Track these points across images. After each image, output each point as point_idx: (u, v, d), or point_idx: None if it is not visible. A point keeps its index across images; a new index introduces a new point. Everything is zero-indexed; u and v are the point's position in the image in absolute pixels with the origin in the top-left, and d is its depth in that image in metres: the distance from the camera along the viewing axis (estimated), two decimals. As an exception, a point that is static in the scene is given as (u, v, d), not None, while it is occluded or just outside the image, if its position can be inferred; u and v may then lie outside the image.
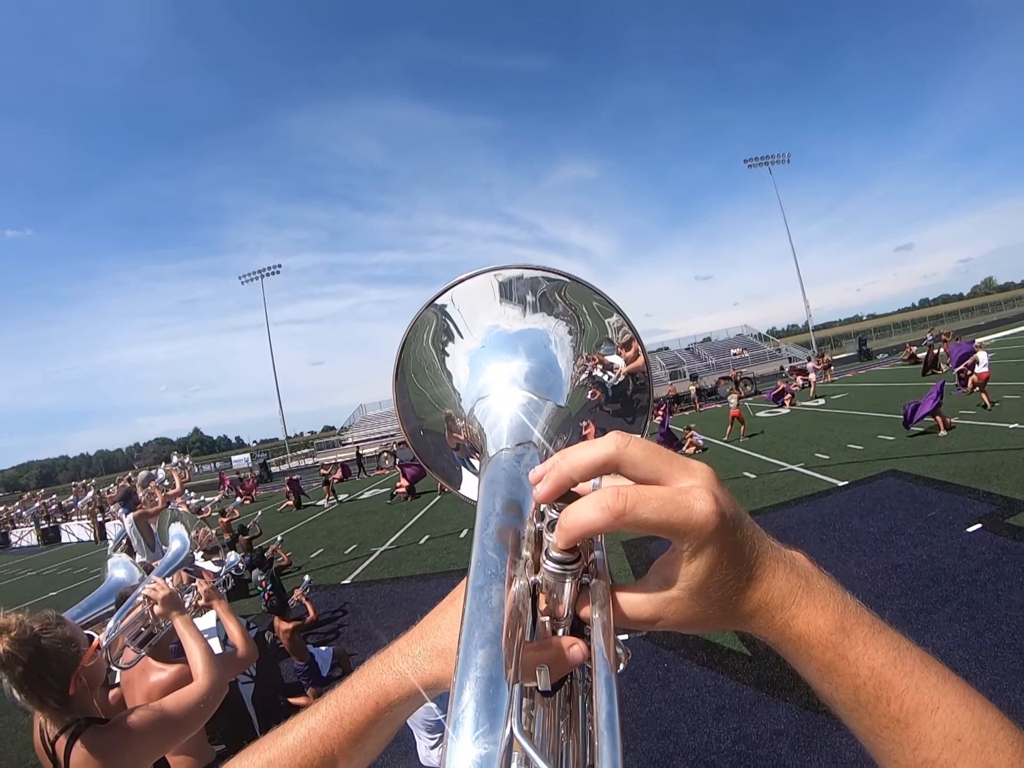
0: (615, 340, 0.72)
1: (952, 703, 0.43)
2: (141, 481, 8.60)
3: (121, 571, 3.30)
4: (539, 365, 0.71)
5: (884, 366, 31.68)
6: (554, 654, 0.45)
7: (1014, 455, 9.41)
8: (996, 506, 7.33)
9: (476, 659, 0.39)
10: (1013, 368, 20.06)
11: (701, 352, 53.64)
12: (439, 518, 14.09)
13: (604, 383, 0.73)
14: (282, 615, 6.04)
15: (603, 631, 0.43)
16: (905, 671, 0.44)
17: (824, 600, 0.46)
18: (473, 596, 0.44)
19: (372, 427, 53.37)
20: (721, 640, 5.42)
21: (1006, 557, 5.91)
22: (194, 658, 2.08)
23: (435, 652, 0.56)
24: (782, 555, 0.49)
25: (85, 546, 24.46)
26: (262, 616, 7.38)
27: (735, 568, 0.46)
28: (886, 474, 9.82)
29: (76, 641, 1.79)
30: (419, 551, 11.18)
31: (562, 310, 0.72)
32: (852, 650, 0.44)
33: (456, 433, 0.75)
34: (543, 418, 0.66)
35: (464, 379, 0.74)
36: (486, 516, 0.51)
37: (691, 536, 0.44)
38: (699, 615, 0.48)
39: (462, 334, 0.74)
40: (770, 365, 41.37)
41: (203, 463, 61.88)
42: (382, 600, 8.62)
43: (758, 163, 57.98)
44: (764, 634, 0.48)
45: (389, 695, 0.57)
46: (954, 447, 10.83)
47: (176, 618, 2.25)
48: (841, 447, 12.70)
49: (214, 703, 1.98)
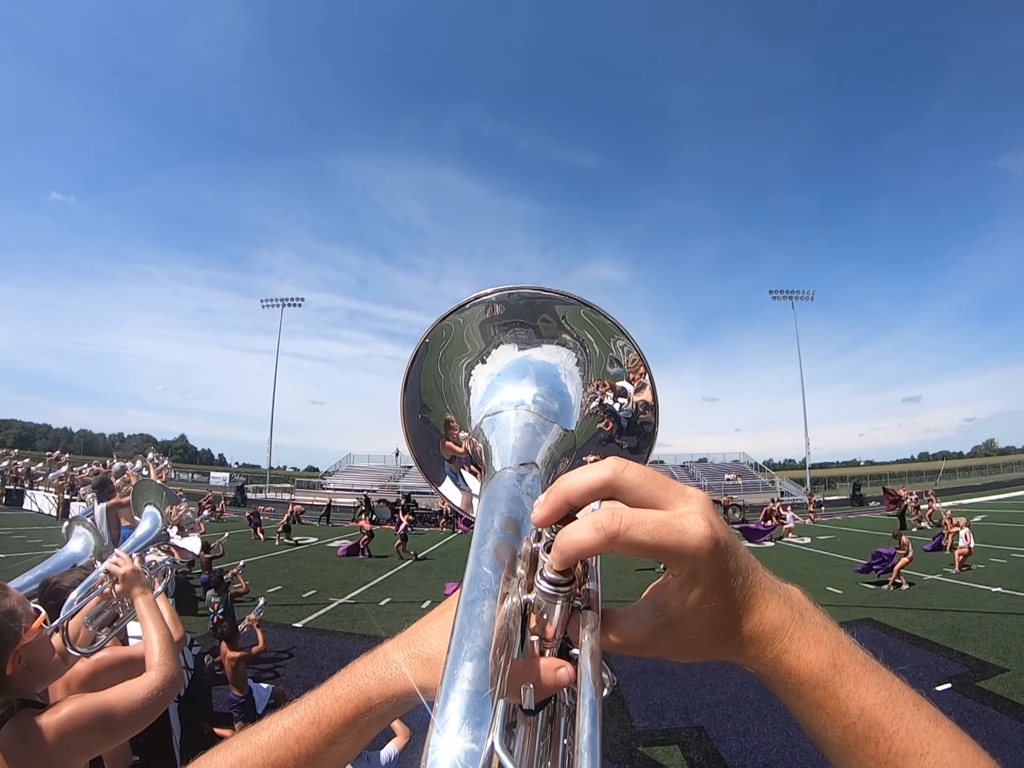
0: (625, 366, 0.73)
1: (942, 748, 0.42)
2: (115, 472, 8.48)
3: (79, 543, 3.13)
4: (549, 388, 0.73)
5: (876, 513, 31.38)
6: (541, 674, 0.45)
7: (993, 619, 9.30)
8: (968, 667, 7.20)
9: (463, 671, 0.39)
10: (1004, 532, 19.97)
11: (696, 472, 53.53)
12: (404, 583, 13.71)
13: (616, 413, 0.75)
14: (230, 642, 5.84)
15: (591, 655, 0.44)
16: (896, 713, 0.43)
17: (817, 635, 0.46)
18: (464, 609, 0.44)
19: (355, 477, 52.62)
20: (668, 762, 5.24)
21: (972, 720, 5.73)
22: (151, 646, 1.86)
23: (421, 660, 0.56)
24: (776, 587, 0.49)
25: (45, 519, 23.78)
26: (206, 637, 7.11)
27: (728, 596, 0.46)
28: (862, 622, 9.59)
29: (18, 615, 1.60)
30: (378, 612, 10.82)
31: (573, 334, 0.74)
32: (843, 688, 0.44)
33: (453, 443, 0.78)
34: (549, 440, 0.68)
35: (474, 396, 0.76)
36: (484, 532, 0.52)
37: (684, 560, 0.44)
38: (690, 643, 0.49)
39: (475, 352, 0.76)
40: (762, 496, 41.03)
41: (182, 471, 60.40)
42: (330, 652, 8.27)
43: (783, 296, 58.80)
44: (755, 666, 0.48)
45: (370, 699, 0.56)
46: (934, 604, 10.66)
47: (138, 597, 2.06)
48: (820, 588, 12.44)
49: (166, 700, 1.76)
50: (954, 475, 46.99)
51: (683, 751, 5.44)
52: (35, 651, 1.62)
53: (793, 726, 5.78)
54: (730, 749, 5.42)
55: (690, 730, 5.86)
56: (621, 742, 5.60)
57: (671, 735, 5.78)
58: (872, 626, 9.32)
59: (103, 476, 7.71)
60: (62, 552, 3.17)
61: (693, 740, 5.65)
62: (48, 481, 28.38)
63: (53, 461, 31.06)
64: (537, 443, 0.66)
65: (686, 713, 6.23)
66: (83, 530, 3.33)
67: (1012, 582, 11.90)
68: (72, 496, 22.38)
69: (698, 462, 58.60)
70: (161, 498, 3.25)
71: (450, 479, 0.79)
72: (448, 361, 0.76)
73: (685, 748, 5.49)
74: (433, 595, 12.05)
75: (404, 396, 0.77)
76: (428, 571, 15.57)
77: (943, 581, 12.56)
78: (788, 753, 5.27)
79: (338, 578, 14.09)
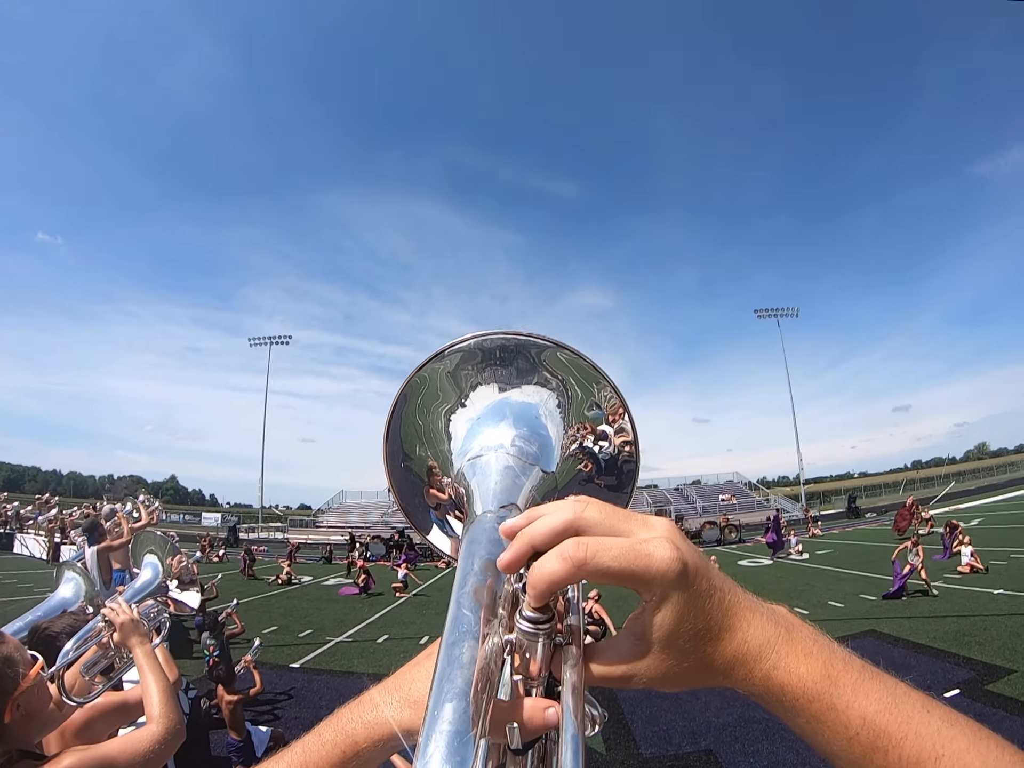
0: (604, 408, 0.75)
1: (958, 749, 0.40)
2: (105, 515, 8.37)
3: (69, 588, 3.06)
4: (528, 431, 0.74)
5: (872, 525, 31.36)
6: (527, 714, 0.45)
7: (997, 621, 9.28)
8: (976, 672, 7.17)
9: (444, 712, 0.39)
10: (1002, 534, 19.97)
11: (690, 494, 53.44)
12: (401, 620, 13.49)
13: (595, 455, 0.76)
14: (227, 685, 5.70)
15: (572, 690, 0.44)
16: (902, 718, 0.41)
17: (806, 648, 0.45)
18: (446, 652, 0.45)
19: (348, 515, 52.13)
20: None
21: (983, 724, 5.66)
22: (151, 697, 1.81)
23: (407, 703, 0.57)
24: (758, 606, 0.48)
25: (36, 562, 23.32)
26: (202, 680, 6.94)
27: (704, 617, 0.45)
28: (866, 634, 9.53)
29: (15, 662, 1.56)
30: (375, 649, 10.62)
31: (551, 377, 0.75)
32: (840, 698, 0.42)
33: (437, 491, 0.78)
34: (529, 483, 0.68)
35: (454, 441, 0.77)
36: (464, 575, 0.53)
37: (654, 584, 0.44)
38: (673, 670, 0.47)
39: (454, 397, 0.77)
40: (757, 514, 40.94)
41: (173, 512, 59.32)
42: (329, 692, 8.09)
43: (768, 315, 59.02)
44: (747, 688, 0.47)
45: (358, 744, 0.57)
46: (936, 611, 10.63)
47: (136, 647, 2.00)
48: (822, 603, 12.38)
49: (168, 753, 1.72)
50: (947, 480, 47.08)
51: (693, 775, 5.34)
52: (33, 698, 1.58)
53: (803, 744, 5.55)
54: (740, 770, 5.33)
55: (698, 754, 5.76)
56: (629, 770, 5.49)
57: (679, 760, 5.68)
58: (876, 637, 9.27)
59: (93, 519, 7.60)
60: (52, 598, 3.11)
61: (702, 764, 5.55)
62: (38, 524, 27.98)
63: (43, 504, 30.73)
64: (517, 485, 0.67)
65: (693, 737, 6.14)
66: (73, 575, 3.27)
67: (1013, 583, 11.91)
68: (63, 539, 22.04)
69: (692, 484, 58.36)
70: (163, 548, 3.18)
71: (437, 526, 0.80)
72: (427, 408, 0.77)
73: (695, 773, 5.39)
74: (431, 631, 11.83)
75: (386, 446, 0.78)
76: (425, 606, 15.33)
77: (945, 587, 12.51)
78: (799, 771, 5.19)
79: (334, 616, 13.82)
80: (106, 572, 5.55)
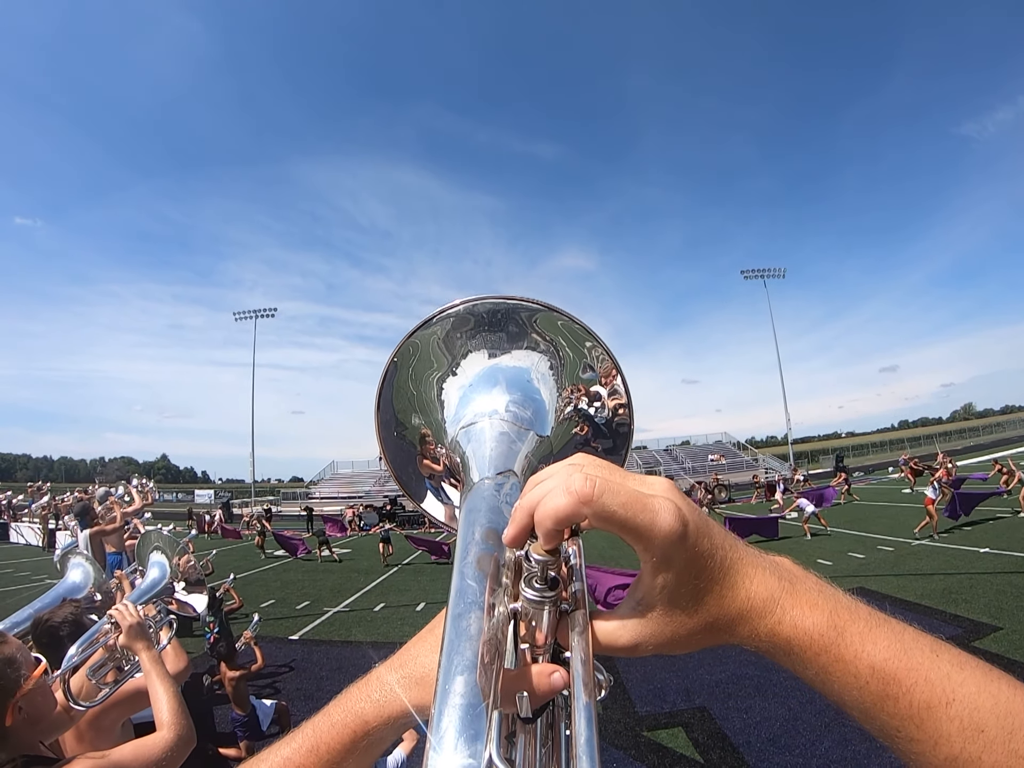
0: (597, 369, 0.73)
1: (969, 693, 0.40)
2: (99, 498, 8.31)
3: (77, 574, 3.04)
4: (522, 396, 0.72)
5: (859, 483, 31.93)
6: (535, 681, 0.45)
7: (983, 579, 9.53)
8: (963, 629, 7.35)
9: (455, 686, 0.39)
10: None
11: (679, 454, 54.19)
12: (397, 587, 13.67)
13: (591, 417, 0.74)
14: (229, 662, 5.74)
15: (582, 658, 0.43)
16: (911, 665, 0.41)
17: (811, 600, 0.45)
18: (452, 624, 0.44)
19: (341, 485, 52.40)
20: (673, 744, 5.27)
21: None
22: (160, 704, 1.79)
23: (414, 680, 0.56)
24: (761, 560, 0.47)
25: (32, 550, 23.39)
26: (203, 658, 7.01)
27: (707, 576, 0.45)
28: (853, 591, 9.68)
29: (17, 663, 1.52)
30: (373, 617, 10.78)
31: (543, 340, 0.73)
32: (848, 648, 0.42)
33: (430, 460, 0.77)
34: (525, 448, 0.67)
35: (447, 409, 0.75)
36: (466, 544, 0.52)
37: (656, 543, 0.43)
38: (678, 631, 0.47)
39: (445, 365, 0.75)
40: (746, 474, 41.59)
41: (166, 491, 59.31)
42: (329, 662, 8.23)
43: (754, 275, 58.86)
44: (753, 644, 0.46)
45: (368, 723, 0.56)
46: (924, 568, 10.90)
47: (142, 652, 1.95)
48: (810, 562, 12.54)
49: (179, 759, 1.70)
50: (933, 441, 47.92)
51: (687, 732, 5.50)
52: (36, 701, 1.54)
53: (795, 699, 5.91)
54: (733, 727, 5.49)
55: (692, 711, 5.93)
56: (625, 728, 5.65)
57: (674, 717, 5.84)
58: (863, 595, 9.21)
59: (85, 503, 7.55)
60: (61, 584, 3.11)
61: (696, 721, 5.71)
62: (32, 512, 28.05)
63: (35, 491, 30.70)
64: (514, 451, 0.66)
65: (687, 694, 6.31)
66: (80, 561, 3.30)
67: (999, 542, 12.20)
68: (57, 525, 22.09)
69: (681, 445, 59.26)
70: (172, 548, 3.15)
71: (431, 494, 0.78)
72: (419, 377, 0.76)
73: (689, 729, 5.56)
74: (427, 596, 12.06)
75: (377, 416, 0.76)
76: (420, 573, 15.56)
77: (931, 545, 12.84)
78: (791, 726, 5.36)
79: (330, 587, 14.00)
80: (99, 556, 5.51)
